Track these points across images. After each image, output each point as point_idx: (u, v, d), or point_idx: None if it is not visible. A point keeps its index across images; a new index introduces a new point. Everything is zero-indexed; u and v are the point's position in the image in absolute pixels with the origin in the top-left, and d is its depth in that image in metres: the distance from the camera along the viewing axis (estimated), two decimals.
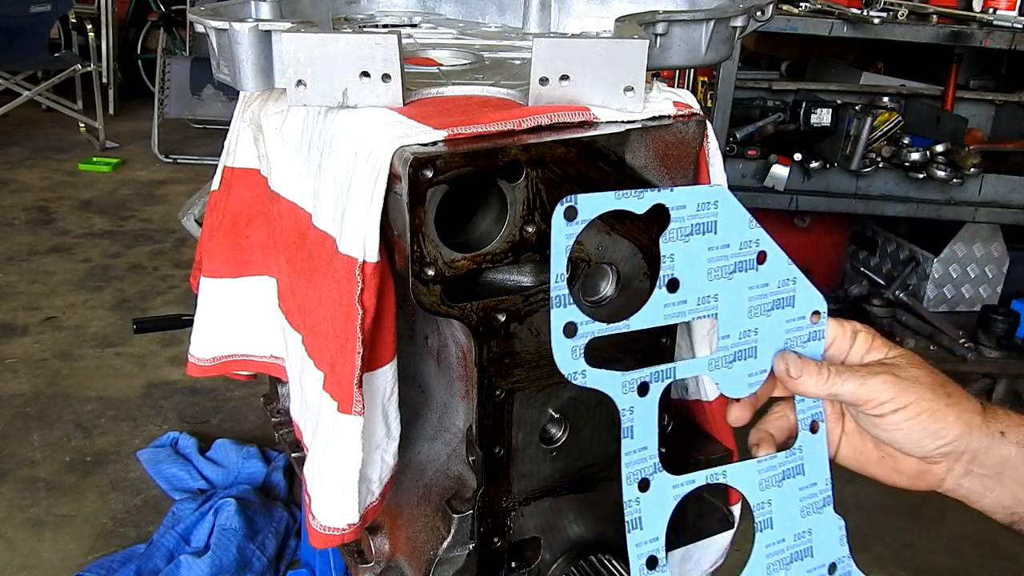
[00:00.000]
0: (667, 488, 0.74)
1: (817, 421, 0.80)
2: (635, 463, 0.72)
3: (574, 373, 0.69)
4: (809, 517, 0.80)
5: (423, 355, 0.98)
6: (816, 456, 0.80)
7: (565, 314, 0.67)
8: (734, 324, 0.75)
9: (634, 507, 0.72)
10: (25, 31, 5.87)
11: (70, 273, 4.29)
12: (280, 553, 2.47)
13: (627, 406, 0.71)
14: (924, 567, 2.59)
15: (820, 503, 0.81)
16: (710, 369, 0.76)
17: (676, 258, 0.71)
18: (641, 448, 0.72)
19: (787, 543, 0.79)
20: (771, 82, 3.59)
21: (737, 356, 0.76)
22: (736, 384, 0.77)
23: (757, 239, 0.74)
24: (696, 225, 0.71)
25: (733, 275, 0.74)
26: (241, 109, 1.11)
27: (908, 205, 3.22)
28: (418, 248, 0.76)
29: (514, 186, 0.77)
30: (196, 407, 3.22)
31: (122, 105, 7.02)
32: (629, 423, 0.72)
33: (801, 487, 0.80)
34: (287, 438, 1.17)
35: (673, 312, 0.72)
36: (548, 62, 0.81)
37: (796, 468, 0.79)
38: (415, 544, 0.94)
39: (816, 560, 0.80)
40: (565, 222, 0.66)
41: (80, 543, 2.52)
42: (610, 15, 1.15)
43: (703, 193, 0.71)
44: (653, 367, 0.73)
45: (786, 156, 3.15)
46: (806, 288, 0.78)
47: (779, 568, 0.79)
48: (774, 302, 0.76)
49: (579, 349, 0.68)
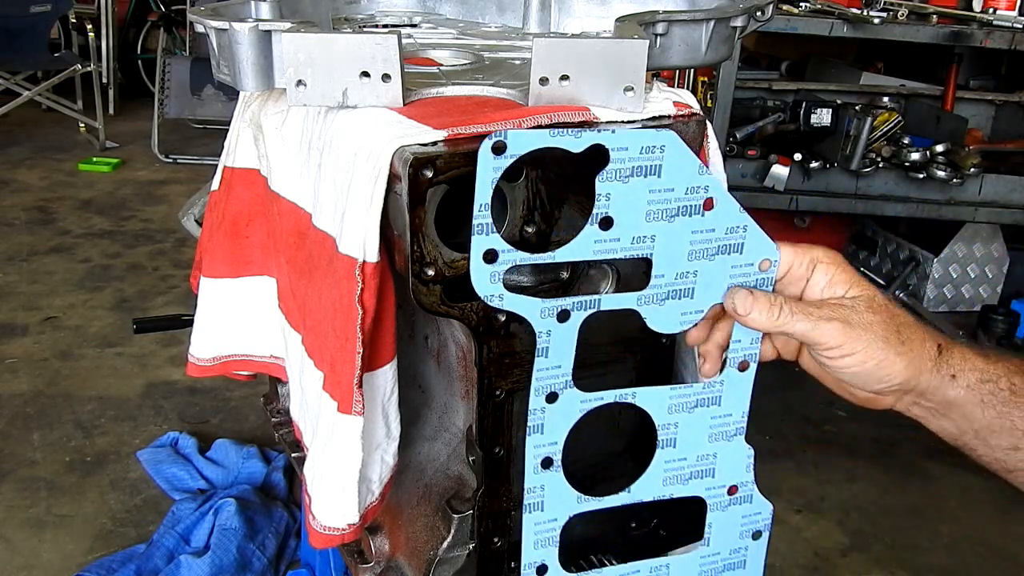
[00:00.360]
0: (575, 402, 0.78)
1: (748, 361, 0.82)
2: (546, 379, 0.76)
3: (491, 296, 0.72)
4: (717, 443, 0.84)
5: (423, 355, 0.98)
6: (738, 392, 0.83)
7: (486, 241, 0.70)
8: (670, 265, 0.76)
9: (538, 415, 0.77)
10: (25, 31, 5.86)
11: (70, 273, 4.29)
12: (280, 553, 2.47)
13: (544, 329, 0.74)
14: (924, 567, 2.59)
15: (732, 432, 0.84)
16: (639, 304, 0.77)
17: (612, 197, 0.72)
18: (555, 367, 0.76)
19: (688, 462, 0.83)
20: (771, 82, 3.59)
21: (671, 295, 0.77)
22: (666, 321, 0.79)
23: (706, 186, 0.75)
24: (638, 167, 0.72)
25: (675, 218, 0.74)
26: (241, 109, 1.11)
27: (908, 205, 3.22)
28: (418, 248, 0.76)
29: (514, 186, 0.77)
30: (196, 407, 3.22)
31: (122, 105, 7.02)
32: (545, 344, 0.75)
33: (714, 416, 0.83)
34: (287, 438, 1.17)
35: (603, 248, 0.73)
36: (548, 62, 0.81)
37: (713, 399, 0.82)
38: (415, 544, 0.94)
39: (717, 480, 0.85)
40: (492, 156, 0.67)
41: (80, 543, 2.52)
42: (610, 15, 1.15)
43: (648, 137, 0.71)
44: (575, 296, 0.75)
45: (786, 156, 3.15)
46: (758, 236, 0.78)
47: (676, 482, 0.83)
48: (719, 247, 0.77)
49: (498, 275, 0.71)
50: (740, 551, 0.88)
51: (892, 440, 3.17)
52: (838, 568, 2.58)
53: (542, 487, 0.80)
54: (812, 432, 3.23)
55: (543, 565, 0.82)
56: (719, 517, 0.86)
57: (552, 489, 0.80)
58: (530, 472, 0.79)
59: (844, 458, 3.08)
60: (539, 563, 0.82)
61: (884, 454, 3.10)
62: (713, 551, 0.87)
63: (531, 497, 0.80)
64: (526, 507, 0.80)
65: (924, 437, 0.90)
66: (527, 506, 0.80)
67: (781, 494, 2.87)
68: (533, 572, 0.82)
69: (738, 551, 0.88)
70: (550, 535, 0.81)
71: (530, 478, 0.79)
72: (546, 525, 0.81)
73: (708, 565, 0.87)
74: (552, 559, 0.83)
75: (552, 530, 0.81)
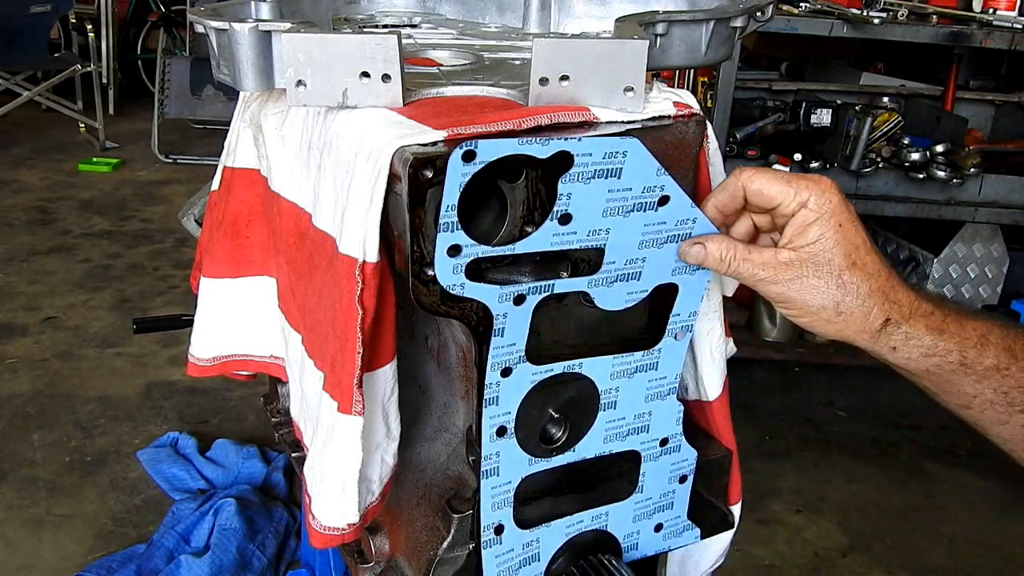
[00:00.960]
0: (527, 375, 0.84)
1: (684, 332, 0.91)
2: (502, 355, 0.82)
3: (453, 285, 0.77)
4: (652, 402, 0.93)
5: (423, 355, 0.98)
6: (673, 358, 0.92)
7: (451, 237, 0.75)
8: (621, 253, 0.83)
9: (494, 388, 0.83)
10: (25, 31, 5.86)
11: (70, 273, 4.29)
12: (280, 553, 2.47)
13: (501, 312, 0.80)
14: (924, 567, 2.59)
15: (665, 392, 0.93)
16: (589, 287, 0.83)
17: (573, 197, 0.77)
18: (510, 344, 0.82)
19: (627, 421, 0.92)
20: (771, 82, 3.59)
21: (619, 278, 0.84)
22: (613, 299, 0.85)
23: (663, 185, 0.81)
24: (600, 171, 0.77)
25: (630, 214, 0.80)
26: (241, 109, 1.11)
27: (908, 205, 3.21)
28: (418, 248, 0.76)
29: (514, 186, 0.77)
30: (196, 407, 3.22)
31: (122, 105, 7.02)
32: (501, 325, 0.81)
33: (651, 379, 0.91)
34: (287, 438, 1.17)
35: (561, 240, 0.79)
36: (548, 62, 0.81)
37: (651, 365, 0.91)
38: (415, 544, 0.94)
39: (651, 435, 0.94)
40: (462, 163, 0.72)
41: (80, 543, 2.52)
42: (610, 15, 1.15)
43: (612, 144, 0.76)
44: (531, 282, 0.80)
45: (786, 156, 3.14)
46: (705, 227, 0.85)
47: (616, 439, 0.92)
48: (668, 237, 0.84)
49: (460, 267, 0.76)
50: (668, 494, 0.98)
51: (892, 440, 3.17)
52: (838, 568, 2.58)
53: (497, 454, 0.86)
54: (812, 432, 3.23)
55: (500, 525, 0.89)
56: (651, 467, 0.95)
57: (506, 455, 0.86)
58: (486, 441, 0.85)
59: (844, 458, 3.08)
60: (496, 523, 0.88)
61: (884, 454, 3.10)
62: (646, 496, 0.97)
63: (487, 464, 0.86)
64: (484, 473, 0.86)
65: (924, 437, 0.91)
66: (484, 472, 0.86)
67: (781, 494, 2.87)
68: (492, 532, 0.88)
69: (667, 495, 0.98)
70: (505, 497, 0.88)
71: (486, 446, 0.85)
72: (501, 488, 0.87)
73: (641, 509, 0.97)
74: (508, 519, 0.89)
75: (507, 492, 0.88)
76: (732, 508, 1.05)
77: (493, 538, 0.89)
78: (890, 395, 3.45)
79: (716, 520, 1.04)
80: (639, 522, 0.97)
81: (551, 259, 0.81)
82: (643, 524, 0.98)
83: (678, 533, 1.01)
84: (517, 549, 0.90)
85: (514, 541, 0.90)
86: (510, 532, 0.89)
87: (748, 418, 3.24)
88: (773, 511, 2.79)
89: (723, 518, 1.04)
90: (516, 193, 0.77)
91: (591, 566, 0.94)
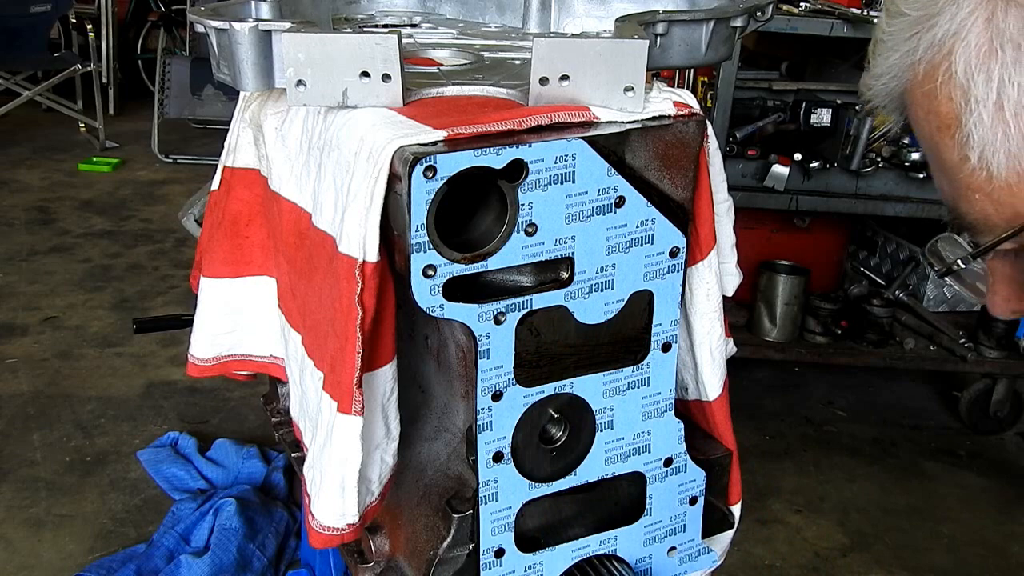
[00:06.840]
0: (518, 398, 0.84)
1: (670, 343, 0.90)
2: (490, 379, 0.82)
3: (432, 307, 0.77)
4: (650, 420, 0.91)
5: (423, 355, 0.98)
6: (664, 371, 0.91)
7: (424, 258, 0.75)
8: (591, 261, 0.83)
9: (486, 413, 0.83)
10: (25, 31, 5.86)
11: (70, 273, 4.29)
12: (280, 553, 2.47)
13: (483, 333, 0.80)
14: (924, 567, 2.59)
15: (662, 409, 0.92)
16: (566, 299, 0.83)
17: (534, 206, 0.78)
18: (497, 367, 0.82)
19: (625, 441, 0.91)
20: (771, 82, 3.58)
21: (594, 288, 0.84)
22: (591, 312, 0.85)
23: (616, 186, 0.81)
24: (554, 176, 0.78)
25: (591, 218, 0.81)
26: (241, 109, 1.11)
27: (908, 205, 3.21)
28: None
29: (514, 186, 0.77)
30: (196, 407, 3.22)
31: (122, 105, 7.01)
32: (486, 346, 0.81)
33: (644, 396, 0.90)
34: (287, 438, 1.17)
35: (530, 252, 0.80)
36: (548, 62, 0.81)
37: (642, 380, 0.90)
38: (415, 544, 0.94)
39: (653, 455, 0.93)
40: (424, 180, 0.72)
41: (80, 543, 2.52)
42: (610, 15, 1.15)
43: (560, 147, 0.77)
44: (509, 299, 0.80)
45: (786, 156, 3.14)
46: (665, 227, 0.85)
47: (618, 460, 0.91)
48: (632, 240, 0.84)
49: (437, 287, 0.77)
50: (679, 516, 0.97)
51: (892, 440, 3.17)
52: (838, 568, 2.58)
53: (495, 479, 0.86)
54: (812, 432, 3.23)
55: (500, 549, 0.89)
56: (658, 488, 0.94)
57: (505, 480, 0.86)
58: (483, 467, 0.85)
59: (844, 458, 3.08)
60: (496, 547, 0.89)
61: (884, 454, 3.10)
62: (655, 520, 0.96)
63: (485, 489, 0.86)
64: (482, 499, 0.86)
65: (924, 437, 0.90)
66: (483, 498, 0.86)
67: (781, 494, 2.87)
68: (492, 556, 0.88)
69: (677, 517, 0.97)
70: (506, 522, 0.88)
71: (483, 472, 0.85)
72: (501, 513, 0.87)
73: (652, 532, 0.96)
74: (509, 543, 0.89)
75: (507, 517, 0.88)
76: (732, 508, 1.05)
77: (493, 561, 0.89)
78: (890, 395, 3.45)
79: (716, 520, 1.04)
80: (650, 546, 0.96)
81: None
82: (655, 548, 0.96)
83: (694, 557, 0.99)
84: (519, 572, 0.90)
85: (515, 564, 0.90)
86: (511, 555, 0.89)
87: (748, 418, 3.24)
88: (773, 511, 2.79)
89: (723, 518, 1.04)
90: (516, 193, 0.77)
91: (591, 566, 0.94)
